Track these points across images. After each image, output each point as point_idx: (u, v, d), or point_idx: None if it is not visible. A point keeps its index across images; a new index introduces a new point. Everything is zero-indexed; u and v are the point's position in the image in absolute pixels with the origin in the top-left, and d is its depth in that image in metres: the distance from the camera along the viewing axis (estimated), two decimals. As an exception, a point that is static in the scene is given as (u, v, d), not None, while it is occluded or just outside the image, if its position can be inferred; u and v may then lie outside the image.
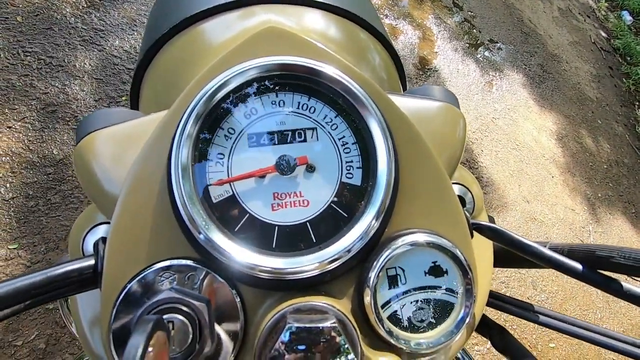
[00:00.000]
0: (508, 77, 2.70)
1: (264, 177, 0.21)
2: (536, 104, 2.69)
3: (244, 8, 0.31)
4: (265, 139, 0.21)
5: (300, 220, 0.21)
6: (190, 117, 0.21)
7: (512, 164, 2.22)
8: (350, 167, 0.22)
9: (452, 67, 2.42)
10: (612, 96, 3.44)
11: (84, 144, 0.24)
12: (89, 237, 0.26)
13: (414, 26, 2.47)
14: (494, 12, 3.22)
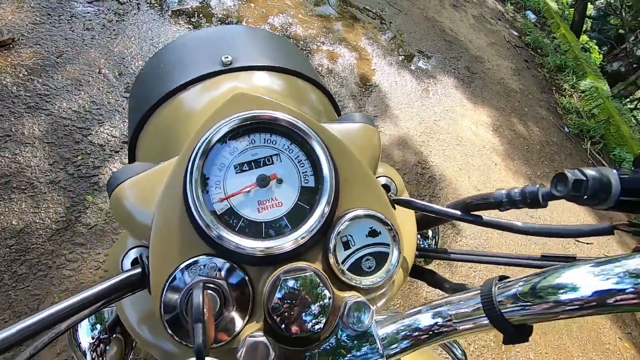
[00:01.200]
0: (441, 82, 2.97)
1: (250, 192, 0.31)
2: (470, 102, 2.98)
3: (214, 77, 0.41)
4: (246, 166, 0.32)
5: (279, 216, 0.32)
6: (196, 157, 0.30)
7: (459, 159, 2.43)
8: (305, 176, 0.33)
9: (390, 80, 2.63)
10: (532, 85, 3.86)
11: (117, 193, 0.33)
12: (125, 260, 0.33)
13: (350, 48, 2.67)
14: (418, 26, 3.55)
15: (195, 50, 0.44)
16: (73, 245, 1.30)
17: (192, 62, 0.42)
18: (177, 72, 0.42)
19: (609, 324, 2.00)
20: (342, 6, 3.10)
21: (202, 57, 0.43)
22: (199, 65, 0.42)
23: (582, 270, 0.24)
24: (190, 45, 0.44)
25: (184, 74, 0.41)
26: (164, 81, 0.42)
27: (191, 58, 0.43)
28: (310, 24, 2.66)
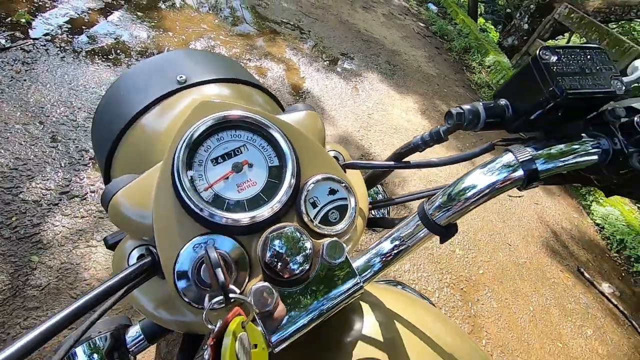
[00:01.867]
0: (367, 78, 3.18)
1: (228, 178, 0.36)
2: (396, 92, 3.21)
3: (174, 95, 0.45)
4: (220, 159, 0.38)
5: (255, 193, 0.38)
6: (180, 154, 0.35)
7: (397, 144, 2.61)
8: (270, 158, 0.39)
9: (320, 84, 2.76)
10: (446, 68, 4.26)
11: (114, 203, 0.36)
12: (130, 260, 0.36)
13: (276, 61, 2.76)
14: (336, 31, 3.76)
15: (150, 75, 0.48)
16: (26, 311, 1.21)
17: (150, 85, 0.46)
18: (138, 96, 0.46)
19: (550, 261, 2.27)
20: (259, 22, 3.19)
21: (158, 80, 0.47)
22: (157, 87, 0.46)
23: (476, 174, 0.34)
24: (144, 71, 0.48)
25: (145, 96, 0.45)
26: (127, 107, 0.45)
27: (148, 82, 0.47)
28: (233, 44, 2.70)
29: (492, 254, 2.10)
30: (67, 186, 1.49)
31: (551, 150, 0.33)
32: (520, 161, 0.33)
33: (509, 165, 0.33)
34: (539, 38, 4.30)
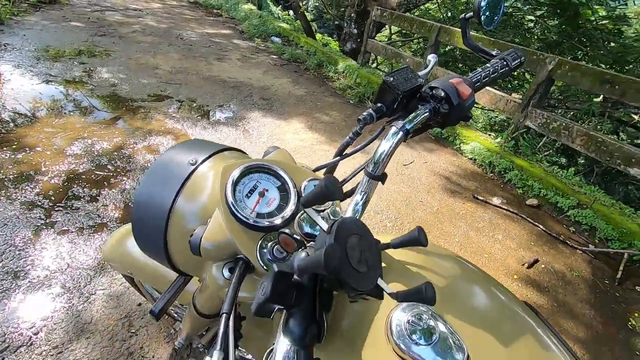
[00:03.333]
0: (251, 118, 3.42)
1: (259, 202, 0.52)
2: (281, 120, 3.53)
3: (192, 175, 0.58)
4: (249, 193, 0.53)
5: (277, 204, 0.54)
6: (229, 197, 0.50)
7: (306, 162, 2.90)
8: (275, 182, 0.56)
9: (212, 139, 2.90)
10: (311, 85, 4.79)
11: (203, 245, 0.50)
12: (224, 271, 0.52)
13: (162, 134, 2.81)
14: (203, 87, 3.94)
15: (170, 166, 0.60)
16: None
17: (173, 175, 0.58)
18: (166, 191, 0.57)
19: (453, 200, 2.80)
20: (127, 105, 3.19)
21: (177, 167, 0.59)
22: (179, 175, 0.58)
23: (383, 142, 0.59)
24: (159, 169, 0.59)
25: (172, 188, 0.57)
26: (161, 204, 0.56)
27: (170, 173, 0.59)
28: (111, 134, 2.67)
29: (412, 214, 2.51)
30: (4, 341, 1.35)
31: (409, 117, 0.59)
32: (399, 127, 0.57)
33: (395, 132, 0.57)
34: (369, 37, 5.17)
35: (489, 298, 0.56)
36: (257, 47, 6.40)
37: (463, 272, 0.59)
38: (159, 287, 0.97)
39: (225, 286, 0.52)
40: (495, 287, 0.58)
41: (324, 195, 0.39)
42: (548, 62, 2.92)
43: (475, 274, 0.60)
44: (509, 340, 0.48)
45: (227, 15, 9.20)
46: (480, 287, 0.58)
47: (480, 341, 0.47)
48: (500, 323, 0.51)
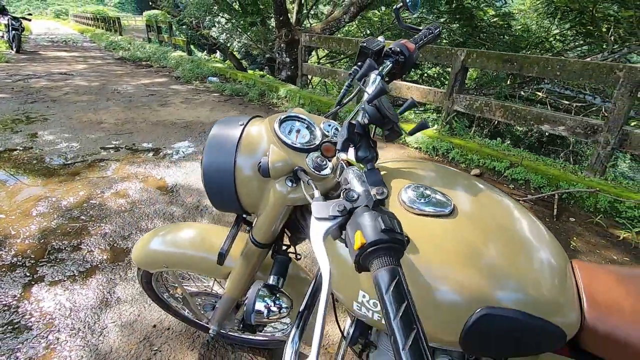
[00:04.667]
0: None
1: (297, 137, 0.70)
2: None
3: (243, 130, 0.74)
4: (288, 132, 0.71)
5: (309, 136, 0.74)
6: (279, 130, 0.72)
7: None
8: (303, 125, 0.76)
9: (181, 174, 2.97)
10: (260, 113, 5.02)
11: (272, 170, 0.66)
12: (288, 183, 0.69)
13: (129, 180, 2.84)
14: (155, 132, 4.00)
15: (222, 135, 0.73)
16: None
17: (228, 138, 0.73)
18: (226, 151, 0.72)
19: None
20: (86, 160, 3.17)
21: (229, 132, 0.74)
22: (233, 136, 0.73)
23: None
24: (215, 138, 0.73)
25: (231, 147, 0.71)
26: (226, 162, 0.71)
27: (224, 139, 0.73)
28: (75, 189, 2.65)
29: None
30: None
31: (381, 67, 0.80)
32: (376, 74, 0.76)
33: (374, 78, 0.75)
34: (303, 62, 5.58)
35: (475, 183, 0.77)
36: (196, 89, 6.55)
37: (456, 173, 0.81)
38: (193, 270, 1.09)
39: (290, 192, 0.69)
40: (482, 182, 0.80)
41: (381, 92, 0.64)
42: (460, 54, 3.45)
43: (466, 175, 0.83)
44: (489, 203, 0.71)
45: (158, 65, 9.26)
46: (466, 179, 0.78)
47: (465, 201, 0.69)
48: (481, 195, 0.72)
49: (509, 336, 0.59)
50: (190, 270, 1.10)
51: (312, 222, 0.49)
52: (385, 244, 0.40)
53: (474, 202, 0.69)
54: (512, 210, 0.71)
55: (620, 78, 2.56)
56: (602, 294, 0.65)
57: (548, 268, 0.63)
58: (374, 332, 0.96)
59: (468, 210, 0.67)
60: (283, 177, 0.69)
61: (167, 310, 1.41)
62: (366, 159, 0.64)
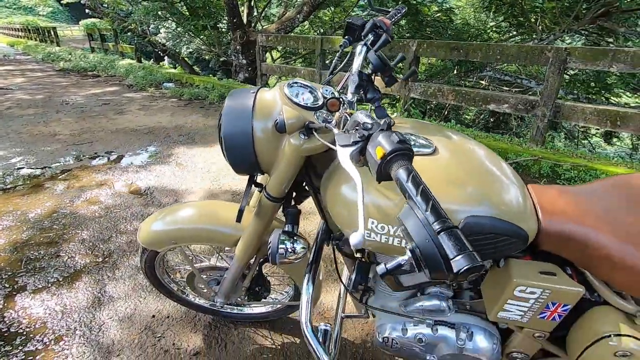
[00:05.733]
0: (180, 153, 3.51)
1: (304, 99, 0.81)
2: (209, 147, 3.68)
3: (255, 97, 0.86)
4: (295, 94, 0.82)
5: (314, 97, 0.83)
6: (286, 92, 0.83)
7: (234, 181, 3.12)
8: (305, 89, 0.85)
9: (153, 178, 2.94)
10: (223, 114, 5.01)
11: (287, 120, 0.78)
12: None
13: (97, 187, 2.76)
14: (118, 139, 3.88)
15: (237, 104, 0.81)
16: None
17: (243, 105, 0.82)
18: (244, 117, 0.80)
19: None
20: (29, 178, 3.02)
21: (243, 100, 0.83)
22: (247, 103, 0.82)
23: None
24: (231, 106, 0.81)
25: (247, 112, 0.80)
26: (244, 125, 0.80)
27: (240, 106, 0.82)
28: (41, 200, 2.55)
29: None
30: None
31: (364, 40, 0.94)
32: (362, 45, 0.91)
33: (360, 49, 0.92)
34: (262, 61, 5.64)
35: (448, 131, 0.93)
36: (152, 95, 6.38)
37: (434, 125, 0.96)
38: (204, 241, 1.15)
39: (304, 144, 0.80)
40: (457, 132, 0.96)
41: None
42: (412, 45, 3.72)
43: (441, 127, 0.98)
44: (462, 144, 0.86)
45: (106, 74, 8.85)
46: (441, 129, 0.93)
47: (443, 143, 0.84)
48: (455, 138, 0.88)
49: (489, 240, 0.74)
50: (201, 243, 1.16)
51: (339, 150, 0.62)
52: (401, 151, 0.53)
53: (450, 144, 0.85)
54: (480, 149, 0.88)
55: (549, 58, 2.92)
56: (551, 205, 0.82)
57: (512, 187, 0.80)
58: (371, 278, 1.09)
59: (446, 149, 0.82)
60: (296, 131, 0.80)
61: (168, 296, 1.45)
62: (374, 99, 0.77)
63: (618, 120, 2.72)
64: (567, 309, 0.84)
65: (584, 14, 6.03)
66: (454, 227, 0.45)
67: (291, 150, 0.82)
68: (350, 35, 0.94)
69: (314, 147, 0.81)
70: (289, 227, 0.94)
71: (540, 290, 0.81)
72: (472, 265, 0.41)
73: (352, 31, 0.94)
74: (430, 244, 0.44)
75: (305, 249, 0.96)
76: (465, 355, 0.97)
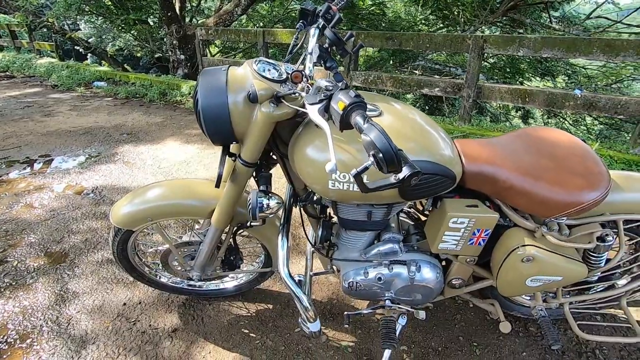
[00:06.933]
0: (125, 151, 3.38)
1: (269, 72, 0.94)
2: (156, 144, 3.58)
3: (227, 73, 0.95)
4: (261, 69, 0.96)
5: (278, 72, 0.96)
6: (255, 68, 0.95)
7: (195, 166, 3.12)
8: (267, 65, 0.97)
9: (99, 177, 2.82)
10: (165, 111, 4.85)
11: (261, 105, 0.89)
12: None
13: (36, 190, 2.60)
14: (53, 142, 3.62)
15: (211, 80, 0.90)
16: None
17: (217, 81, 0.90)
18: (219, 91, 0.89)
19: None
20: (-31, 180, 2.75)
21: (216, 76, 0.90)
22: (221, 79, 0.91)
23: None
24: (205, 83, 0.89)
25: (222, 86, 0.89)
26: (220, 98, 0.90)
27: (215, 81, 0.90)
28: (-27, 208, 2.34)
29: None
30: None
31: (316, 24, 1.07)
32: (314, 28, 1.05)
33: (313, 31, 1.05)
34: (203, 56, 5.53)
35: (391, 99, 1.09)
36: (83, 95, 5.94)
37: (380, 95, 1.12)
38: (180, 215, 1.22)
39: (274, 111, 0.91)
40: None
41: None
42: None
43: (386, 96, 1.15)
44: (402, 108, 1.04)
45: (22, 74, 8.02)
46: (386, 98, 1.10)
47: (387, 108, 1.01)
48: (397, 105, 1.05)
49: (427, 179, 0.93)
50: (177, 216, 1.23)
51: (308, 108, 0.77)
52: (357, 103, 0.68)
53: (393, 108, 1.03)
54: (417, 113, 1.07)
55: (470, 45, 3.31)
56: (472, 153, 1.04)
57: (442, 140, 1.00)
58: (334, 235, 1.25)
59: (389, 113, 1.00)
60: (267, 101, 0.92)
61: (140, 279, 1.48)
62: (332, 67, 0.92)
63: (527, 97, 3.19)
64: (488, 233, 1.07)
65: (498, 7, 6.76)
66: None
67: (263, 118, 0.93)
68: (304, 19, 1.07)
69: (283, 114, 0.93)
70: (263, 187, 1.07)
71: (467, 220, 1.03)
72: (413, 171, 0.59)
73: (305, 16, 1.07)
74: (388, 147, 0.60)
75: (280, 203, 1.09)
76: (416, 285, 1.17)
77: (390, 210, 1.10)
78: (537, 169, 0.99)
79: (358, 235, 1.19)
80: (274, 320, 1.52)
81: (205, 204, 1.19)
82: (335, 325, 1.51)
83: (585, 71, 7.30)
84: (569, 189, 0.95)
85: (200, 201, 1.19)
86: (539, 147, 1.06)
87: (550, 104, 3.10)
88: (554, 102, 3.07)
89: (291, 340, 1.43)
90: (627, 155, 2.76)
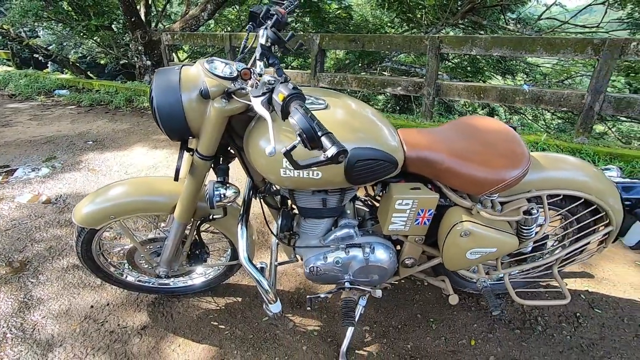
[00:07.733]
0: (90, 159, 3.32)
1: (221, 70, 1.00)
2: (122, 151, 3.54)
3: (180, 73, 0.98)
4: (211, 67, 1.00)
5: (230, 69, 1.02)
6: (207, 69, 0.99)
7: (163, 170, 3.11)
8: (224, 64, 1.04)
9: (64, 186, 2.77)
10: (132, 118, 4.77)
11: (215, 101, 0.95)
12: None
13: (7, 200, 2.52)
14: (10, 153, 3.50)
15: (165, 79, 0.93)
16: None
17: (171, 80, 0.94)
18: (173, 89, 0.94)
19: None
20: None
21: (170, 76, 0.95)
22: (174, 78, 0.95)
23: None
24: (159, 83, 0.93)
25: (175, 85, 0.93)
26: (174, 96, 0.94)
27: (168, 80, 0.94)
28: None
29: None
30: None
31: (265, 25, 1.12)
32: (263, 29, 1.08)
33: (263, 32, 1.09)
34: (169, 61, 5.47)
35: (339, 94, 1.18)
36: (44, 104, 5.74)
37: (328, 90, 1.20)
38: (143, 211, 1.25)
39: (226, 106, 0.97)
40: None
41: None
42: (315, 38, 4.05)
43: (335, 91, 1.23)
44: (349, 100, 1.13)
45: (-25, 84, 7.58)
46: (334, 93, 1.18)
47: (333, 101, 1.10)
48: (343, 98, 1.14)
49: (371, 164, 1.02)
50: (140, 213, 1.26)
51: (253, 100, 0.85)
52: (295, 94, 0.76)
53: (339, 101, 1.12)
54: (363, 105, 1.17)
55: (427, 45, 3.49)
56: (413, 140, 1.15)
57: (386, 129, 1.09)
58: (295, 224, 1.33)
59: (335, 105, 1.09)
60: (218, 96, 0.98)
61: (107, 280, 1.50)
62: (274, 63, 1.00)
63: (482, 93, 3.39)
64: (432, 213, 1.18)
65: (458, 10, 7.09)
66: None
67: (216, 113, 1.00)
68: (253, 21, 1.14)
69: (234, 108, 1.00)
70: (220, 179, 1.13)
71: (411, 201, 1.13)
72: (340, 149, 0.67)
73: (254, 18, 1.14)
74: (308, 127, 0.69)
75: (237, 193, 1.15)
76: (371, 265, 1.26)
77: (343, 197, 1.19)
78: (468, 152, 1.10)
79: (316, 222, 1.26)
80: (243, 312, 1.58)
81: (167, 200, 1.24)
82: (302, 312, 1.58)
83: (541, 69, 7.78)
84: (495, 168, 1.07)
85: (162, 197, 1.24)
86: (472, 133, 1.18)
87: (503, 99, 3.32)
88: (505, 97, 3.29)
89: (259, 329, 1.49)
90: (571, 144, 3.01)
